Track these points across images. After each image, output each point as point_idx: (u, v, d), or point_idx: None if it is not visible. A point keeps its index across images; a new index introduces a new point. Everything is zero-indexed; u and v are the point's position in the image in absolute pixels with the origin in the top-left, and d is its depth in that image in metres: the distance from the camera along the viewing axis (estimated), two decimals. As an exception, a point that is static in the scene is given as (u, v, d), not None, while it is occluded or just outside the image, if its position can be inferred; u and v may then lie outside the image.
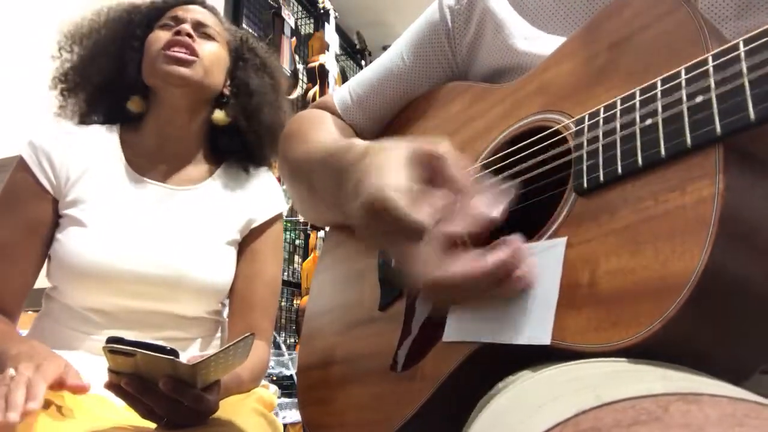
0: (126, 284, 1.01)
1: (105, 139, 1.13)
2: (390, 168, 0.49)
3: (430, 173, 0.49)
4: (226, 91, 1.17)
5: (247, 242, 1.15)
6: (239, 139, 1.19)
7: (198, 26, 1.14)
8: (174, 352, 0.69)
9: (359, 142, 0.59)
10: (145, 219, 1.07)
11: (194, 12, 1.15)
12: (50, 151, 1.07)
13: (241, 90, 1.18)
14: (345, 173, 0.55)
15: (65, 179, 1.06)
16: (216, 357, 0.71)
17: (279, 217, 1.20)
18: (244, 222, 1.14)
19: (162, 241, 1.05)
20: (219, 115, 1.16)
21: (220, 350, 0.71)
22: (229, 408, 0.89)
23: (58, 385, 0.78)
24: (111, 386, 0.74)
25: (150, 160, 1.13)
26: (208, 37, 1.14)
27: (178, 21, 1.13)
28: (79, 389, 0.78)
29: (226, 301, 1.16)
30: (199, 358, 0.72)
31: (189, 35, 1.09)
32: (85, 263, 0.99)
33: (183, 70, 1.07)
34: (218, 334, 1.16)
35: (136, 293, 1.02)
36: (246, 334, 0.72)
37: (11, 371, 0.77)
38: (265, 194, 1.20)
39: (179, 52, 1.07)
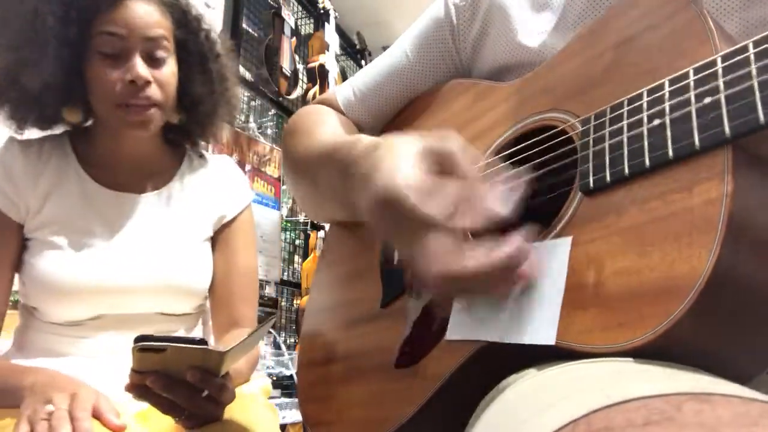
0: (111, 297, 0.99)
1: (58, 154, 1.05)
2: (400, 162, 0.49)
3: (441, 167, 0.49)
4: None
5: (219, 235, 1.14)
6: (185, 130, 1.15)
7: (148, 49, 0.98)
8: (203, 341, 0.69)
9: (366, 137, 0.59)
10: (119, 231, 1.04)
11: (139, 23, 0.97)
12: (2, 175, 1.00)
13: (189, 96, 1.10)
14: (352, 167, 0.55)
15: (26, 202, 1.00)
16: (243, 342, 0.70)
17: (248, 207, 1.18)
18: (216, 217, 1.13)
19: (140, 250, 1.03)
20: (172, 117, 1.09)
21: (248, 336, 0.70)
22: (241, 402, 0.89)
23: (95, 416, 0.76)
24: (133, 387, 0.72)
25: (110, 171, 1.07)
26: (161, 60, 1.00)
27: (123, 46, 0.96)
28: (116, 429, 0.76)
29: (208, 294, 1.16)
30: (223, 346, 0.71)
31: (147, 82, 0.97)
32: (66, 285, 0.97)
33: (146, 130, 1.00)
34: (199, 326, 1.15)
35: (123, 303, 1.01)
36: (270, 317, 0.72)
37: (49, 407, 0.74)
38: (232, 186, 1.17)
39: (139, 115, 0.97)
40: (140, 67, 0.96)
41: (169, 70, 1.02)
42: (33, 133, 1.08)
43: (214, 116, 1.15)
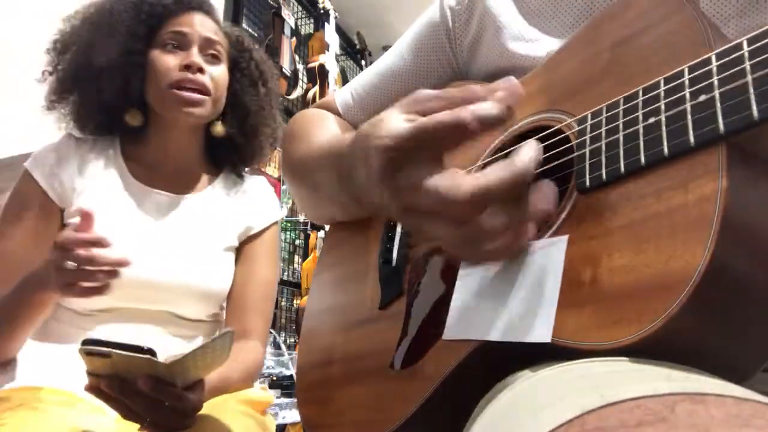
0: (131, 290, 1.02)
1: (107, 151, 1.14)
2: (384, 118, 0.47)
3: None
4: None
5: (243, 247, 1.18)
6: (234, 149, 1.22)
7: (205, 46, 1.11)
8: (151, 351, 0.68)
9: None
10: (149, 227, 1.09)
11: (200, 27, 1.12)
12: (55, 163, 1.08)
13: (239, 108, 1.19)
14: (346, 155, 0.53)
15: (71, 190, 1.07)
16: (193, 354, 0.70)
17: (275, 224, 1.23)
18: (243, 229, 1.17)
19: (166, 248, 1.07)
20: (218, 128, 1.17)
21: (197, 348, 0.69)
22: (213, 409, 0.88)
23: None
24: (91, 389, 0.73)
25: (152, 171, 1.14)
26: (215, 59, 1.12)
27: (185, 40, 1.10)
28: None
29: (224, 303, 1.17)
30: (174, 357, 0.71)
31: (200, 69, 1.07)
32: None
33: (195, 111, 1.08)
34: (217, 335, 1.16)
35: (140, 297, 1.03)
36: (224, 331, 0.72)
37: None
38: (262, 202, 1.23)
39: (191, 94, 1.06)
40: (196, 55, 1.09)
41: (222, 71, 1.13)
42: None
43: (260, 133, 1.22)
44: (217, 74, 1.12)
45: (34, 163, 1.09)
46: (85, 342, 0.68)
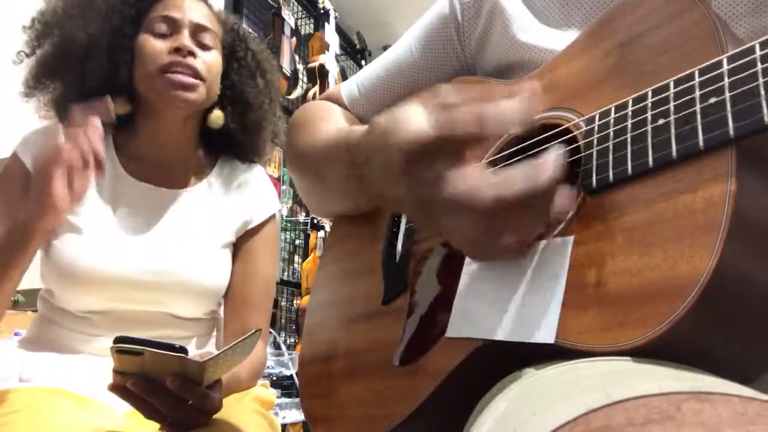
0: (122, 289, 1.00)
1: None
2: (405, 113, 0.47)
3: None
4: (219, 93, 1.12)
5: (241, 242, 1.14)
6: (234, 146, 1.17)
7: (196, 32, 1.06)
8: (183, 350, 0.68)
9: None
10: (141, 223, 1.06)
11: (190, 11, 1.06)
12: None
13: (238, 99, 1.14)
14: (362, 146, 0.53)
15: None
16: (224, 353, 0.70)
17: (273, 217, 1.19)
18: (240, 223, 1.13)
19: (157, 245, 1.04)
20: (216, 117, 1.11)
21: (228, 347, 0.69)
22: (228, 408, 0.88)
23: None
24: (115, 388, 0.72)
25: (144, 164, 1.10)
26: (207, 46, 1.07)
27: (175, 25, 1.04)
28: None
29: (221, 300, 1.16)
30: (205, 355, 0.71)
31: (191, 53, 1.02)
32: (81, 270, 0.98)
33: (188, 96, 1.02)
34: (214, 333, 1.16)
35: (133, 297, 1.01)
36: (252, 331, 0.72)
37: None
38: (259, 194, 1.18)
39: (183, 77, 1.01)
40: (187, 39, 1.03)
41: (215, 57, 1.08)
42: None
43: (262, 129, 1.17)
44: (210, 60, 1.06)
45: (23, 146, 1.04)
46: (117, 340, 0.67)
